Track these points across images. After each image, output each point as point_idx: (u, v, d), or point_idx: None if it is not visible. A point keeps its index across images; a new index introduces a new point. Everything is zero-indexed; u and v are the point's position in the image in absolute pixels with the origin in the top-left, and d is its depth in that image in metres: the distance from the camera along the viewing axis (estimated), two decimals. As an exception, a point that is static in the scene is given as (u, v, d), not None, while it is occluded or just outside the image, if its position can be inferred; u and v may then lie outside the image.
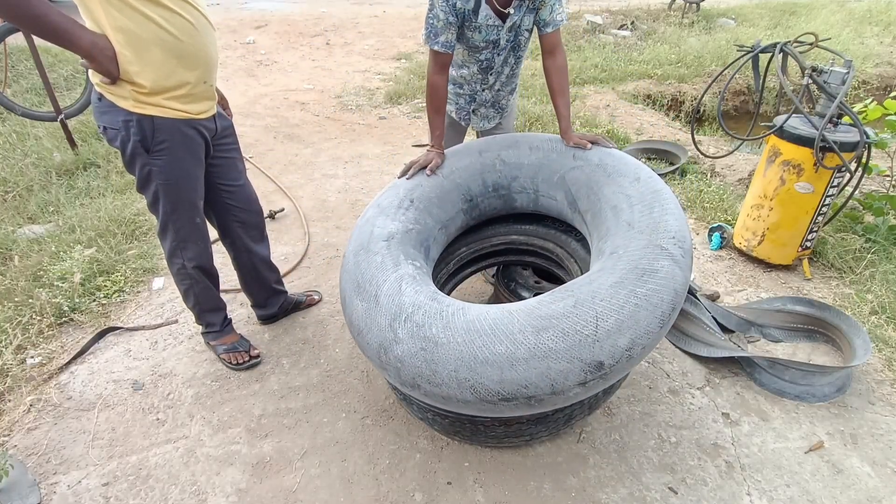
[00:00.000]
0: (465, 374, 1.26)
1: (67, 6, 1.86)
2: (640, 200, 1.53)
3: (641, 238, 1.41)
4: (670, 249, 1.38)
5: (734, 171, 3.55)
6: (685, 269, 1.39)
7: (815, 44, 2.37)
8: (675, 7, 7.80)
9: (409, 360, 1.32)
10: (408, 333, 1.33)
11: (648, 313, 1.29)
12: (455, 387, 1.28)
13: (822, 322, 2.11)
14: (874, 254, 2.53)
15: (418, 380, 1.32)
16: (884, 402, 1.87)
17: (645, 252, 1.37)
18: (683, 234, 1.45)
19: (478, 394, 1.27)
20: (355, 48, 6.37)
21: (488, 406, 1.30)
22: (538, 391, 1.25)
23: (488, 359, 1.25)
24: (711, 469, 1.63)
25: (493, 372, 1.25)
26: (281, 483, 1.58)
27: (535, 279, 2.11)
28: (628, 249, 1.39)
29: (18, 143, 3.33)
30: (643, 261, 1.35)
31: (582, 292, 1.30)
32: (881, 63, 6.08)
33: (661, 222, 1.45)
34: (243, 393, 1.88)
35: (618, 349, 1.25)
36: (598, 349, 1.24)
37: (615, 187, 1.61)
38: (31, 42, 3.09)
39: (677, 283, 1.35)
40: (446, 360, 1.27)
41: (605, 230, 1.54)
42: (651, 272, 1.33)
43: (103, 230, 2.59)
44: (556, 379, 1.24)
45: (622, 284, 1.30)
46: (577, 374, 1.24)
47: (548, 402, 1.29)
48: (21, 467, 1.57)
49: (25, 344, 2.00)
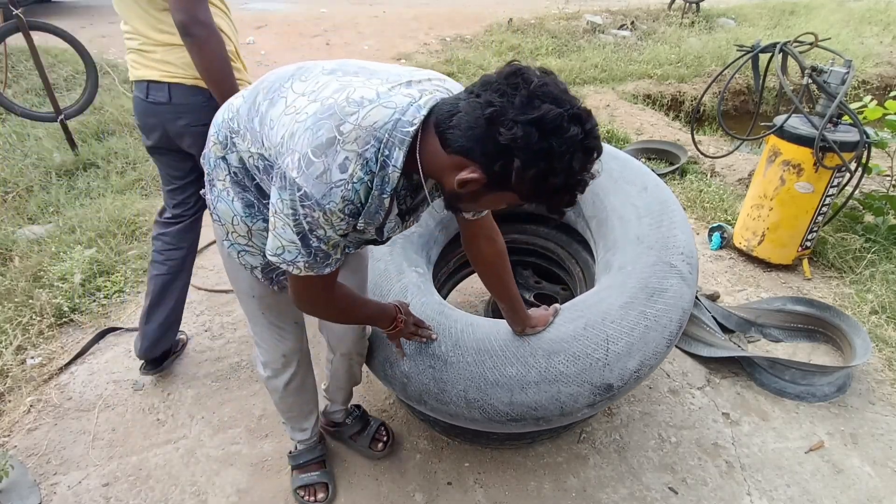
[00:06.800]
0: (474, 394, 1.25)
1: (68, 6, 1.86)
2: (648, 212, 1.51)
3: (651, 254, 1.39)
4: (679, 267, 1.37)
5: (734, 171, 3.55)
6: (692, 286, 1.38)
7: (814, 44, 2.37)
8: (675, 7, 7.79)
9: (417, 376, 1.30)
10: (415, 349, 1.32)
11: (657, 334, 1.28)
12: (463, 406, 1.27)
13: (823, 322, 2.10)
14: (874, 254, 2.53)
15: (425, 396, 1.30)
16: (884, 402, 1.87)
17: (654, 270, 1.36)
18: (691, 249, 1.43)
19: (486, 414, 1.26)
20: (355, 49, 6.36)
21: (496, 425, 1.29)
22: (547, 413, 1.24)
23: (499, 381, 1.24)
24: (712, 469, 1.63)
25: (503, 394, 1.24)
26: (281, 483, 1.58)
27: (535, 279, 2.11)
28: (637, 266, 1.38)
29: (18, 143, 3.33)
30: (652, 279, 1.34)
31: (592, 313, 1.29)
32: (881, 63, 6.08)
33: (670, 237, 1.43)
34: (243, 393, 1.88)
35: (627, 371, 1.25)
36: (608, 372, 1.23)
37: (622, 196, 1.58)
38: (31, 42, 3.09)
39: (685, 302, 1.34)
40: (455, 380, 1.26)
41: (612, 241, 1.51)
42: (660, 292, 1.32)
43: (103, 230, 2.59)
44: (565, 402, 1.23)
45: (632, 305, 1.29)
46: (586, 397, 1.24)
47: (555, 421, 1.29)
48: (21, 468, 1.57)
49: (25, 344, 2.00)
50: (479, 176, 0.80)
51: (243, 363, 2.00)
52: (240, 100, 1.06)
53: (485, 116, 0.76)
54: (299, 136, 0.86)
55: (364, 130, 0.84)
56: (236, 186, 1.06)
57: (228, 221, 1.09)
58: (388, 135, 0.84)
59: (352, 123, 0.84)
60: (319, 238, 0.90)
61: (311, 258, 0.92)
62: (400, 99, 0.87)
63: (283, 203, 0.87)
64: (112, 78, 4.43)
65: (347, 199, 0.85)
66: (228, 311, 2.26)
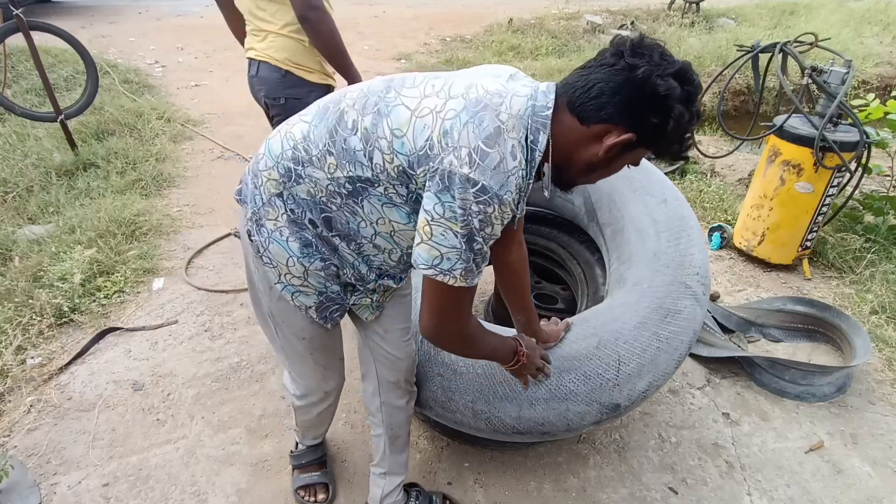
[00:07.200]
0: (481, 406, 1.25)
1: (68, 6, 1.87)
2: (667, 228, 1.48)
3: (667, 273, 1.38)
4: (694, 288, 1.36)
5: (734, 171, 3.55)
6: (704, 306, 1.38)
7: (814, 43, 2.38)
8: (675, 7, 7.79)
9: (424, 382, 1.30)
10: (423, 356, 1.31)
11: (668, 356, 1.28)
12: (469, 416, 1.26)
13: (823, 322, 2.10)
14: (874, 254, 2.53)
15: (431, 402, 1.30)
16: (884, 402, 1.87)
17: (669, 290, 1.34)
18: (706, 269, 1.42)
19: (492, 426, 1.26)
20: (355, 48, 6.36)
21: (501, 436, 1.29)
22: (553, 428, 1.24)
23: (508, 395, 1.23)
24: (712, 469, 1.63)
25: (512, 409, 1.23)
26: (281, 483, 1.58)
27: (535, 279, 2.11)
28: (653, 284, 1.36)
29: (18, 143, 3.32)
30: (667, 300, 1.33)
31: (605, 332, 1.28)
32: (881, 63, 6.08)
33: (688, 255, 1.41)
34: (243, 393, 1.88)
35: (636, 392, 1.25)
36: (618, 393, 1.23)
37: (641, 207, 1.54)
38: (31, 42, 3.09)
39: (696, 324, 1.34)
40: (464, 391, 1.26)
41: (628, 254, 1.49)
42: (674, 313, 1.31)
43: (103, 231, 2.59)
44: (572, 419, 1.23)
45: (646, 326, 1.28)
46: (593, 416, 1.24)
47: (560, 436, 1.29)
48: (21, 468, 1.57)
49: (25, 344, 2.00)
50: (629, 136, 0.85)
51: (243, 363, 2.00)
52: (301, 127, 0.98)
53: (634, 78, 0.82)
54: (458, 131, 0.84)
55: (515, 119, 0.86)
56: (293, 225, 1.00)
57: (282, 263, 1.03)
58: (531, 120, 0.88)
59: (505, 112, 0.86)
60: (485, 237, 0.87)
61: (472, 263, 0.88)
62: (522, 88, 0.90)
63: (446, 206, 0.83)
64: (112, 78, 4.43)
65: (519, 187, 0.87)
66: (228, 311, 2.26)
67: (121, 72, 4.61)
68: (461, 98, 0.87)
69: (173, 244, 2.67)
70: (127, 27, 6.28)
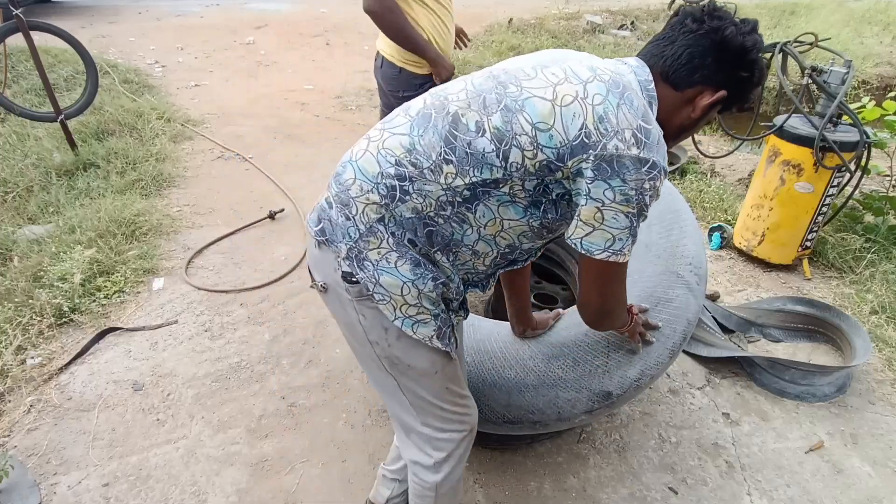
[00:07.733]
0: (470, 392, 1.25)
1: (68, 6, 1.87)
2: (659, 220, 1.51)
3: (658, 263, 1.40)
4: (686, 277, 1.37)
5: (734, 171, 3.55)
6: (699, 297, 1.39)
7: (814, 43, 2.37)
8: (675, 7, 7.79)
9: None
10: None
11: (660, 344, 1.28)
12: None
13: (823, 322, 2.10)
14: (874, 254, 2.53)
15: None
16: (884, 402, 1.87)
17: (661, 279, 1.36)
18: (700, 259, 1.43)
19: (483, 415, 1.26)
20: (355, 48, 6.36)
21: (491, 426, 1.30)
22: (544, 417, 1.25)
23: (497, 382, 1.24)
24: (712, 469, 1.63)
25: (501, 396, 1.24)
26: (281, 483, 1.58)
27: (535, 279, 2.11)
28: (644, 274, 1.38)
29: (18, 143, 3.32)
30: (658, 289, 1.34)
31: None
32: (881, 63, 6.08)
33: (679, 246, 1.43)
34: (243, 393, 1.88)
35: (627, 380, 1.25)
36: (608, 380, 1.24)
37: None
38: (31, 42, 3.09)
39: (690, 313, 1.34)
40: None
41: None
42: (665, 301, 1.32)
43: (103, 231, 2.59)
44: (563, 407, 1.24)
45: None
46: (584, 403, 1.24)
47: (552, 426, 1.29)
48: (21, 468, 1.57)
49: (25, 344, 2.00)
50: (722, 93, 0.93)
51: (243, 363, 2.00)
52: (401, 140, 0.91)
53: (722, 38, 0.89)
54: (614, 114, 0.84)
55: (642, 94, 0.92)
56: (400, 247, 0.93)
57: (397, 293, 0.94)
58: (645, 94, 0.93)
59: (636, 89, 0.91)
60: (646, 213, 0.90)
61: (636, 234, 0.91)
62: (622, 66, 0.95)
63: (617, 190, 0.85)
64: (112, 78, 4.43)
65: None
66: (228, 311, 2.26)
67: (121, 72, 4.61)
68: (597, 81, 0.87)
69: (173, 244, 2.67)
70: (127, 27, 6.27)
